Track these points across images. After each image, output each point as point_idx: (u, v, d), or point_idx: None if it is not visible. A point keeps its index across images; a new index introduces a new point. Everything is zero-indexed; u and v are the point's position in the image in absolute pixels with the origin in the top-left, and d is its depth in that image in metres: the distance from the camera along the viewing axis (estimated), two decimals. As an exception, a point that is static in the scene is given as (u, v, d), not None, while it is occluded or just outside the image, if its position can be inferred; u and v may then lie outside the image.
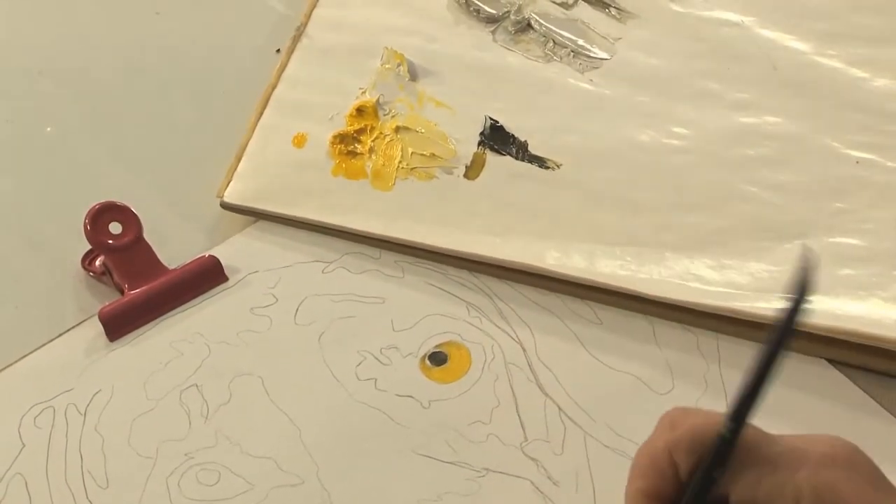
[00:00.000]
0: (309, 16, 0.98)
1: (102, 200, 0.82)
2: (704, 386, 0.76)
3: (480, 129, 0.89)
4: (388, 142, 0.89)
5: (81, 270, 0.83)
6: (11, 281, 0.84)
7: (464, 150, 0.88)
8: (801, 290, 0.54)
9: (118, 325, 0.80)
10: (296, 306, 0.81)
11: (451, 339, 0.79)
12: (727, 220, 0.81)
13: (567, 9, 0.97)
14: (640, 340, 0.78)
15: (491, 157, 0.87)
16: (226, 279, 0.83)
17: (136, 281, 0.81)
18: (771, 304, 0.75)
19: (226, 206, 0.86)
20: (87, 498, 0.73)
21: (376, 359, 0.78)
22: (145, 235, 0.82)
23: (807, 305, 0.54)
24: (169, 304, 0.81)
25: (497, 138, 0.88)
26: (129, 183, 0.88)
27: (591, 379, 0.76)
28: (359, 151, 0.88)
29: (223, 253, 0.83)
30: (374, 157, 0.88)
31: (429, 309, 0.81)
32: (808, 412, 0.74)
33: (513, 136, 0.88)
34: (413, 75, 0.92)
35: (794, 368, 0.75)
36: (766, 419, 0.71)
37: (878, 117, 0.85)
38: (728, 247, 0.80)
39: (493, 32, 0.95)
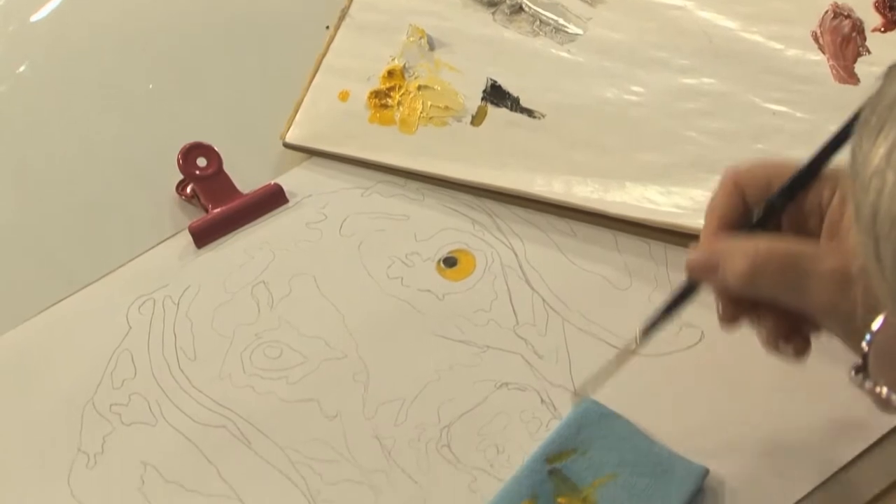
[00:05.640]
0: (351, 0, 0.95)
1: (191, 141, 0.81)
2: (655, 283, 0.74)
3: (483, 88, 0.86)
4: (412, 97, 0.86)
5: (175, 195, 0.82)
6: (122, 203, 0.83)
7: (470, 104, 0.85)
8: None
9: (204, 236, 0.79)
10: (340, 222, 0.79)
11: (460, 247, 0.77)
12: (674, 158, 0.79)
13: (550, -5, 0.95)
14: (605, 248, 0.76)
15: (491, 109, 0.85)
16: (287, 201, 0.81)
17: (218, 202, 0.80)
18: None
19: (287, 146, 0.84)
20: (180, 368, 0.72)
21: (402, 262, 0.77)
22: (224, 168, 0.81)
23: None
24: (243, 221, 0.80)
25: (496, 94, 0.86)
26: (213, 127, 0.86)
27: (567, 278, 0.75)
28: (389, 104, 0.86)
29: (285, 181, 0.82)
30: (401, 108, 0.86)
31: (443, 224, 0.79)
32: None
33: (508, 93, 0.86)
34: (431, 46, 0.90)
35: None
36: (698, 310, 0.68)
37: (790, 79, 0.82)
38: (674, 178, 0.78)
39: (493, 14, 0.92)
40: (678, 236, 0.75)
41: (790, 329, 0.58)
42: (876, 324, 0.46)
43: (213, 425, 0.69)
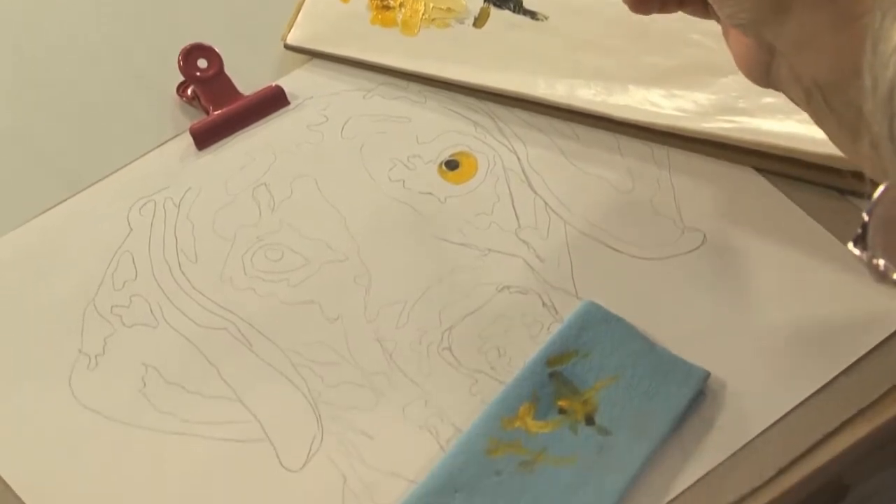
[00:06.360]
0: None
1: (192, 42, 0.78)
2: (657, 187, 0.71)
3: (486, -11, 0.83)
4: (413, -2, 0.83)
5: (176, 97, 0.78)
6: (122, 105, 0.79)
7: (472, 5, 0.81)
8: None
9: (205, 137, 0.75)
10: (342, 124, 0.76)
11: (462, 149, 0.74)
12: (677, 60, 0.76)
13: None
14: (607, 151, 0.73)
15: (494, 11, 0.81)
16: (288, 103, 0.77)
17: (219, 104, 0.76)
18: (709, 124, 0.71)
19: (288, 47, 0.80)
20: (181, 270, 0.69)
21: (404, 165, 0.73)
22: (225, 70, 0.78)
23: None
24: (244, 122, 0.76)
25: (498, -4, 0.82)
26: (213, 28, 0.82)
27: (570, 181, 0.72)
28: (391, 6, 0.82)
29: (286, 83, 0.78)
30: (403, 10, 0.82)
31: (445, 127, 0.75)
32: (737, 210, 0.70)
33: (511, -7, 0.82)
34: (433, -53, 0.86)
35: (726, 175, 0.71)
36: (701, 214, 0.69)
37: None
38: (678, 81, 0.74)
39: (496, -86, 0.88)
40: (681, 139, 0.72)
41: None
42: (877, 193, 0.44)
43: (214, 327, 0.66)
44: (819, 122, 0.60)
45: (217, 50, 0.78)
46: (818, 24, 0.55)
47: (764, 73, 0.60)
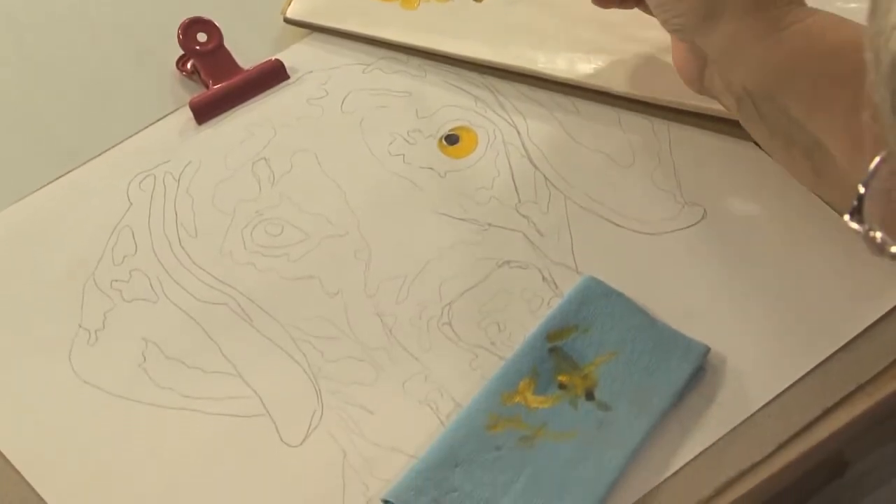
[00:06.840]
0: None
1: (192, 16, 0.77)
2: (657, 161, 0.70)
3: (486, -36, 0.81)
4: (414, -28, 0.81)
5: (176, 71, 0.77)
6: (123, 79, 0.78)
7: (473, -21, 0.81)
8: None
9: (205, 111, 0.74)
10: (342, 98, 0.75)
11: (462, 124, 0.73)
12: None
13: None
14: (608, 126, 0.72)
15: None
16: (287, 77, 0.76)
17: (218, 78, 0.75)
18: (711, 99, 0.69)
19: (288, 21, 0.79)
20: (181, 244, 0.68)
21: (404, 139, 0.72)
22: (225, 43, 0.77)
23: None
24: (244, 96, 0.75)
25: (499, -29, 0.80)
26: (213, 2, 0.80)
27: (570, 155, 0.71)
28: (391, -21, 0.81)
29: (286, 57, 0.77)
30: None
31: (445, 101, 0.74)
32: (737, 184, 0.68)
33: (511, -31, 0.81)
34: (434, -80, 0.84)
35: (726, 149, 0.70)
36: (701, 188, 0.68)
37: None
38: None
39: None
40: (682, 114, 0.71)
41: None
42: (873, 165, 0.43)
43: (214, 302, 0.66)
44: (750, 129, 0.61)
45: (217, 24, 0.77)
46: (745, 33, 0.57)
47: (698, 78, 0.64)
